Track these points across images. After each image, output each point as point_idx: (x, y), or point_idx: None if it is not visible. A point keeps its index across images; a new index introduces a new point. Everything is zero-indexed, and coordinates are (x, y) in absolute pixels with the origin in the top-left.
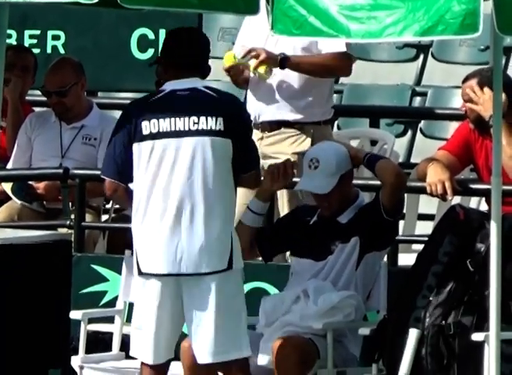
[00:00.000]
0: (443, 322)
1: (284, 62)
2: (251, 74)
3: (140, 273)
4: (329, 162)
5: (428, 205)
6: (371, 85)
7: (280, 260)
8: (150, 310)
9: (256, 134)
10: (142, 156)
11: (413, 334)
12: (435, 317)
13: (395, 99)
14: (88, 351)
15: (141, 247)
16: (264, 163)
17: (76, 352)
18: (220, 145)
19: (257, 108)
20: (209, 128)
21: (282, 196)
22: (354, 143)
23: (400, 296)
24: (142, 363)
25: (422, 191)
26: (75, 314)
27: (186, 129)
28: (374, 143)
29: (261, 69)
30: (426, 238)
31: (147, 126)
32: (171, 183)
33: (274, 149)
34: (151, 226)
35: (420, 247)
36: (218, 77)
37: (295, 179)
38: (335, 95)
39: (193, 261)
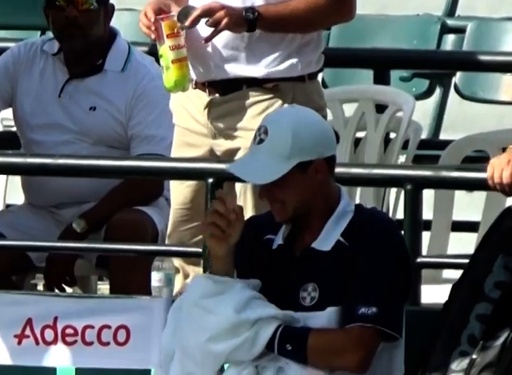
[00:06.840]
0: None
1: (253, 22)
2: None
3: None
4: (281, 136)
5: (468, 207)
6: (376, 17)
7: None
8: None
9: (201, 100)
10: None
11: None
12: None
13: (414, 39)
14: None
15: None
16: (216, 145)
17: None
18: None
19: (201, 62)
20: None
21: (245, 192)
22: (350, 108)
23: (425, 353)
24: None
25: (460, 183)
26: None
27: None
28: (381, 108)
29: None
30: (465, 261)
31: None
32: None
33: (230, 123)
34: None
35: (456, 274)
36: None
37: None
38: None
39: None
